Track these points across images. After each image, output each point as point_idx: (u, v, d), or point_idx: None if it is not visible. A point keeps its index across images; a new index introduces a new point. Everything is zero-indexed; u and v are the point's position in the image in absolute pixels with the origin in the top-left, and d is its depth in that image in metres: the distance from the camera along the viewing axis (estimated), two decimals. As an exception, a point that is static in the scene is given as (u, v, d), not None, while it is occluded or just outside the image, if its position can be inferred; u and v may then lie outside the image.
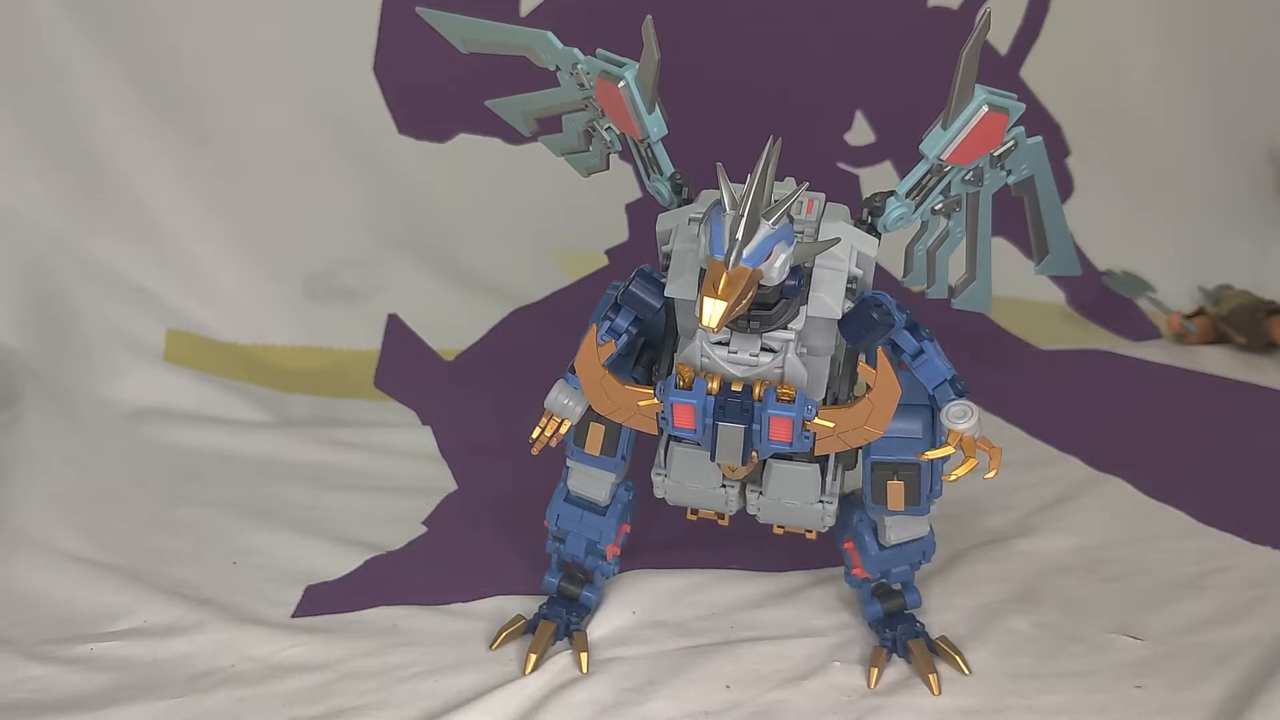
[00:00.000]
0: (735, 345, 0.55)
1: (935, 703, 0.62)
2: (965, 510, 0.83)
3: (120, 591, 0.72)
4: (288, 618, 0.71)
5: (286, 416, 1.02)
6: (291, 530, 0.81)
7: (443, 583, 0.74)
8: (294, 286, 1.15)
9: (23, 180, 1.05)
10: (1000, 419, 1.00)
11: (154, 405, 1.00)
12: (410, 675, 0.65)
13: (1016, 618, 0.70)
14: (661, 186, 0.60)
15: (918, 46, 1.30)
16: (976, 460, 0.57)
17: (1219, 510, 0.83)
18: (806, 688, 0.63)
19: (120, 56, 1.09)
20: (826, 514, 0.62)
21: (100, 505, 0.83)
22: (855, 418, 0.54)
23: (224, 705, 0.62)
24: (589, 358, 0.56)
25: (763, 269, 0.49)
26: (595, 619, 0.70)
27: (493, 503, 0.86)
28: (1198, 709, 0.61)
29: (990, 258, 0.58)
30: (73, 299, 1.05)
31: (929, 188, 0.56)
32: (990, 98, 0.52)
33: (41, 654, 0.66)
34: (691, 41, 1.18)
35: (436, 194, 1.22)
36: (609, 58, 0.56)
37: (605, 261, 1.24)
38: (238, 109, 1.15)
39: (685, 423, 0.55)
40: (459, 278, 1.21)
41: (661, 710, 0.61)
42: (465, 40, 0.61)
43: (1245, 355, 1.19)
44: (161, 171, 1.12)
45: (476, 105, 0.65)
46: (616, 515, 0.67)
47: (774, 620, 0.70)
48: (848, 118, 1.34)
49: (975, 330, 1.15)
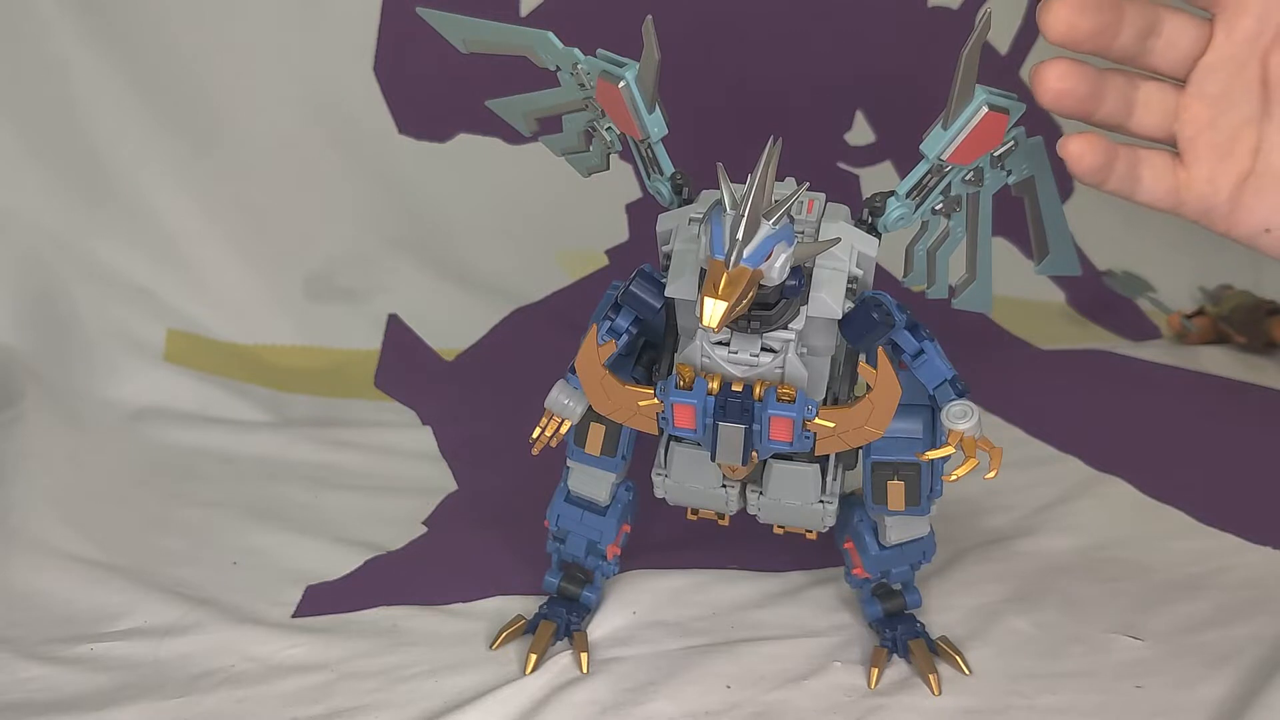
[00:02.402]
0: (736, 345, 0.55)
1: (935, 703, 0.62)
2: (965, 510, 0.83)
3: (120, 591, 0.72)
4: (288, 618, 0.71)
5: (286, 416, 1.02)
6: (291, 530, 0.81)
7: (443, 583, 0.74)
8: (294, 286, 1.15)
9: (23, 180, 1.05)
10: (1000, 419, 1.00)
11: (154, 405, 1.00)
12: (410, 675, 0.65)
13: (1016, 618, 0.70)
14: (662, 186, 0.60)
15: (918, 47, 1.30)
16: (977, 460, 0.57)
17: (1219, 510, 0.83)
18: (807, 688, 0.63)
19: (120, 57, 1.09)
20: (827, 514, 0.62)
21: (100, 505, 0.83)
22: (856, 418, 0.54)
23: (224, 705, 0.62)
24: (589, 358, 0.56)
25: (763, 269, 0.49)
26: (595, 619, 0.70)
27: (493, 503, 0.86)
28: (1198, 709, 0.61)
29: (990, 258, 0.58)
30: (73, 299, 1.05)
31: (929, 188, 0.56)
32: (991, 98, 0.52)
33: (41, 654, 0.66)
34: (691, 41, 1.18)
35: (436, 194, 1.22)
36: (609, 58, 0.56)
37: (605, 261, 1.24)
38: (238, 109, 1.15)
39: (685, 423, 0.55)
40: (459, 278, 1.21)
41: (661, 710, 0.61)
42: (465, 40, 0.61)
43: (1245, 355, 1.19)
44: (162, 172, 1.12)
45: (476, 105, 0.65)
46: (617, 515, 0.67)
47: (774, 620, 0.70)
48: (848, 118, 1.34)
49: (975, 330, 1.15)
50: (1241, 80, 0.48)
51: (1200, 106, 0.48)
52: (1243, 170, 0.48)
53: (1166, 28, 0.47)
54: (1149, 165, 0.49)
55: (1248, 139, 0.48)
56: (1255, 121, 0.48)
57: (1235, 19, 0.47)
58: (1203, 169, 0.49)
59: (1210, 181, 0.49)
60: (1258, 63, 0.47)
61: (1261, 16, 0.46)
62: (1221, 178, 0.49)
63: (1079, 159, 0.48)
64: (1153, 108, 0.49)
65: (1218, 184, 0.49)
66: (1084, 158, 0.48)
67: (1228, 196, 0.49)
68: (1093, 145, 0.48)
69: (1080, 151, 0.48)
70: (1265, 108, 0.48)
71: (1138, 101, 0.49)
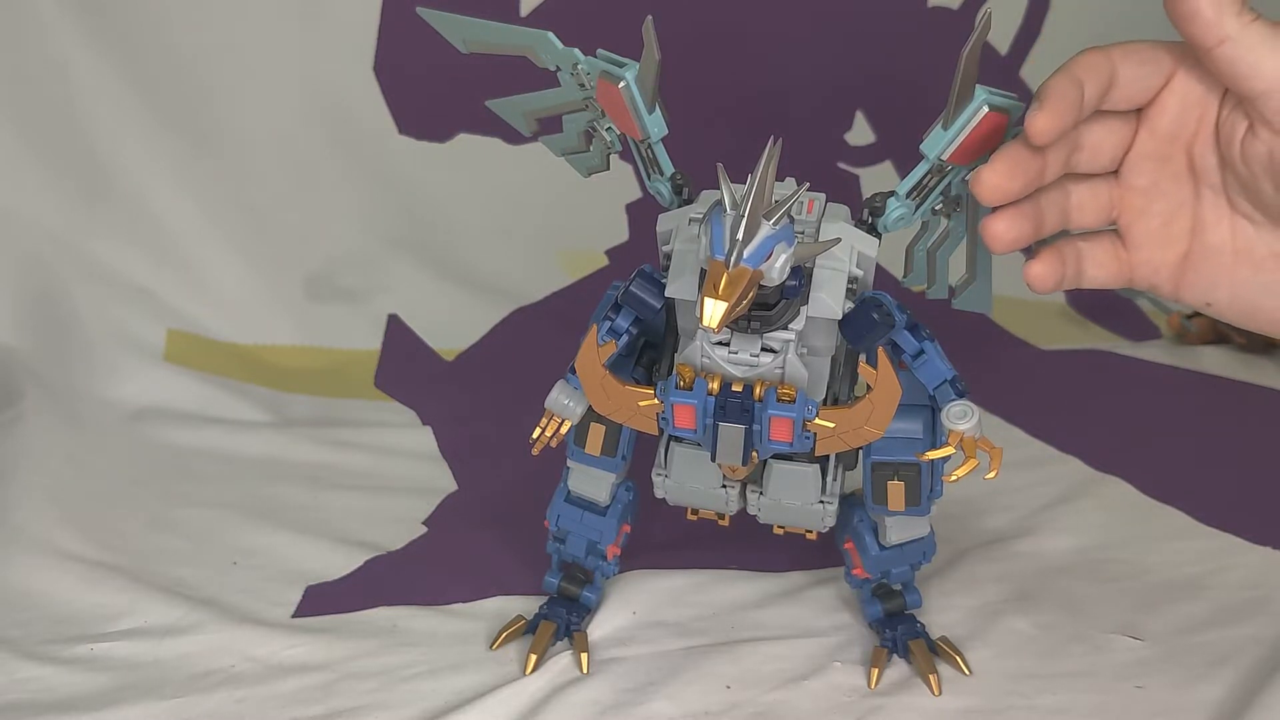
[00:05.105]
0: (736, 345, 0.55)
1: (936, 703, 0.62)
2: (965, 510, 0.83)
3: (120, 591, 0.72)
4: (288, 618, 0.71)
5: (286, 416, 1.02)
6: (291, 530, 0.81)
7: (443, 583, 0.74)
8: (294, 286, 1.15)
9: (23, 180, 1.05)
10: (1000, 419, 1.00)
11: (154, 405, 1.01)
12: (410, 675, 0.65)
13: (1016, 618, 0.70)
14: (662, 187, 0.59)
15: (918, 47, 1.30)
16: (977, 461, 0.57)
17: (1219, 510, 0.83)
18: (807, 688, 0.63)
19: (120, 57, 1.09)
20: (827, 514, 0.62)
21: (100, 505, 0.83)
22: (856, 418, 0.54)
23: (224, 705, 0.62)
24: (589, 358, 0.56)
25: (763, 269, 0.49)
26: (595, 619, 0.70)
27: (493, 503, 0.86)
28: (1198, 709, 0.61)
29: (990, 258, 0.58)
30: (73, 299, 1.05)
31: (929, 188, 0.56)
32: (991, 98, 0.52)
33: (41, 654, 0.66)
34: (692, 41, 1.18)
35: (436, 194, 1.23)
36: (609, 58, 0.56)
37: (605, 261, 1.24)
38: (238, 109, 1.15)
39: (686, 423, 0.55)
40: (459, 278, 1.21)
41: (661, 710, 0.61)
42: (465, 40, 0.61)
43: (1245, 355, 1.19)
44: (162, 172, 1.12)
45: (476, 105, 0.65)
46: (617, 515, 0.67)
47: (774, 620, 0.70)
48: (848, 118, 1.34)
49: (975, 330, 1.15)
50: (1168, 171, 0.50)
51: (1131, 197, 0.51)
52: (1181, 250, 0.51)
53: (1089, 138, 0.49)
54: (1090, 259, 0.51)
55: (1182, 221, 0.50)
56: (1188, 205, 0.50)
57: (1155, 119, 0.49)
58: (1142, 251, 0.51)
59: (1150, 262, 0.51)
60: (1182, 153, 0.49)
61: (1179, 115, 0.48)
62: (1161, 258, 0.51)
63: (1042, 283, 0.51)
64: (1087, 209, 0.51)
65: (1158, 264, 0.51)
66: (1047, 280, 0.51)
67: (1169, 275, 0.51)
68: (1052, 269, 0.51)
69: (1043, 275, 0.51)
70: (1196, 190, 0.50)
71: (1072, 208, 0.51)
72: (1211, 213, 0.49)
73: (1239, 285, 0.50)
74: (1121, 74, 0.47)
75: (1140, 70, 0.48)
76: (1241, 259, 0.49)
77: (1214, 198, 0.49)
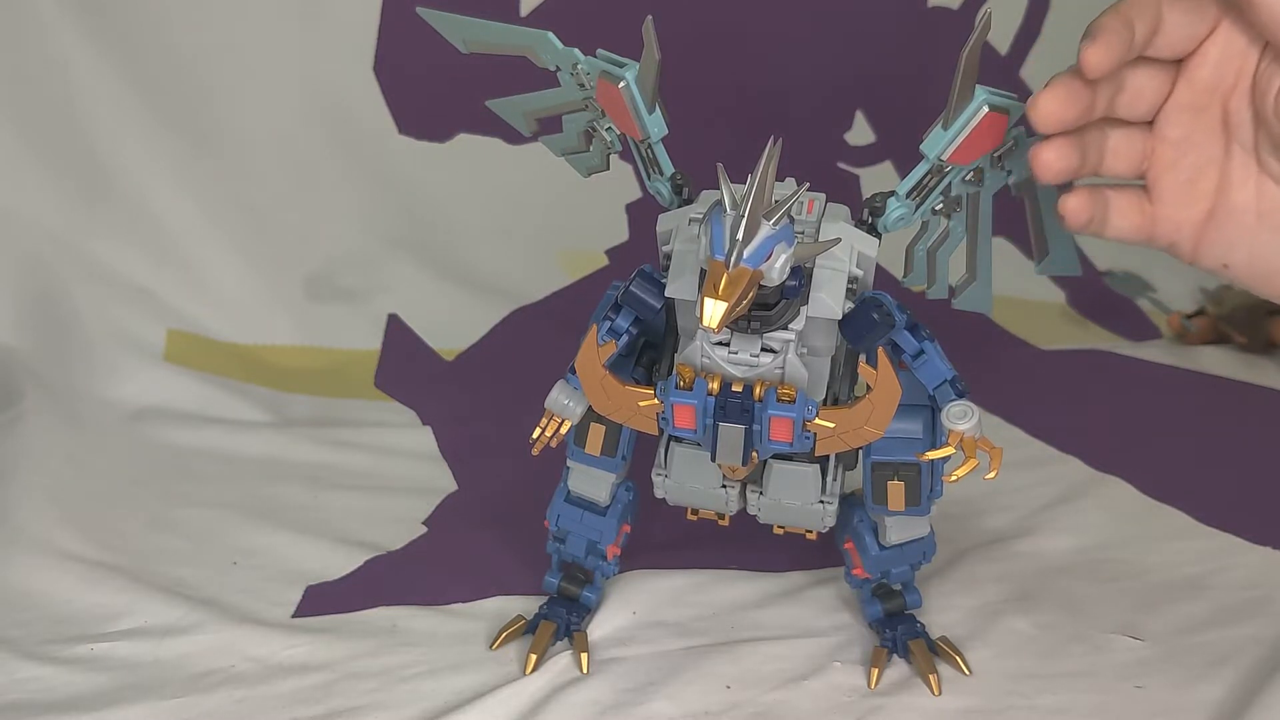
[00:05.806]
0: (736, 345, 0.55)
1: (936, 703, 0.62)
2: (965, 510, 0.83)
3: (120, 591, 0.72)
4: (288, 618, 0.71)
5: (286, 416, 1.02)
6: (291, 530, 0.81)
7: (443, 583, 0.74)
8: (294, 286, 1.15)
9: (23, 180, 1.05)
10: (1000, 419, 1.00)
11: (154, 405, 1.01)
12: (410, 675, 0.65)
13: (1016, 618, 0.70)
14: (662, 187, 0.59)
15: (918, 47, 1.31)
16: (977, 461, 0.57)
17: (1219, 510, 0.83)
18: (807, 688, 0.63)
19: (120, 57, 1.09)
20: (827, 514, 0.62)
21: (100, 505, 0.83)
22: (856, 418, 0.54)
23: (224, 705, 0.62)
24: (589, 358, 0.56)
25: (763, 269, 0.49)
26: (595, 619, 0.70)
27: (493, 503, 0.86)
28: (1198, 709, 0.61)
29: (990, 258, 0.58)
30: (73, 299, 1.05)
31: (929, 188, 0.56)
32: (991, 98, 0.52)
33: (41, 654, 0.66)
34: (692, 41, 1.18)
35: (436, 194, 1.23)
36: (609, 58, 0.56)
37: (605, 261, 1.24)
38: (238, 109, 1.15)
39: (686, 423, 0.55)
40: (459, 278, 1.21)
41: (661, 710, 0.61)
42: (465, 40, 0.61)
43: (1245, 355, 1.19)
44: (161, 172, 1.12)
45: (476, 105, 0.65)
46: (617, 515, 0.67)
47: (774, 620, 0.70)
48: (848, 118, 1.34)
49: (975, 330, 1.15)
50: (1202, 123, 0.50)
51: (1164, 149, 0.51)
52: (1205, 208, 0.51)
53: (1131, 82, 0.49)
54: (1116, 208, 0.51)
55: (1209, 178, 0.50)
56: (1217, 162, 0.50)
57: (1195, 69, 0.49)
58: (1166, 207, 0.51)
59: (1173, 219, 0.51)
60: (1218, 106, 0.49)
61: (1219, 65, 0.48)
62: (1185, 215, 0.51)
63: (1076, 214, 0.51)
64: (1121, 155, 0.51)
65: (1181, 221, 0.51)
66: (1080, 213, 0.51)
67: (1190, 233, 0.51)
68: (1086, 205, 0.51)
69: (1078, 209, 0.51)
70: (1227, 147, 0.50)
71: (1108, 150, 0.51)
72: (1240, 171, 0.49)
73: (1259, 247, 0.50)
74: (1168, 19, 0.47)
75: (1187, 17, 0.48)
76: (1265, 221, 0.49)
77: (1243, 156, 0.49)
